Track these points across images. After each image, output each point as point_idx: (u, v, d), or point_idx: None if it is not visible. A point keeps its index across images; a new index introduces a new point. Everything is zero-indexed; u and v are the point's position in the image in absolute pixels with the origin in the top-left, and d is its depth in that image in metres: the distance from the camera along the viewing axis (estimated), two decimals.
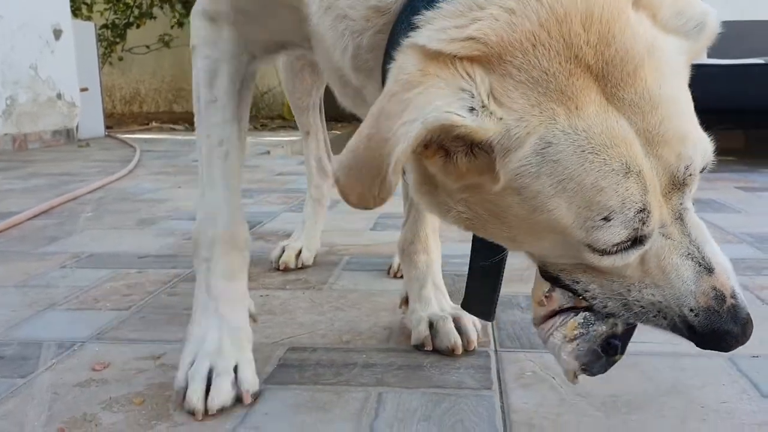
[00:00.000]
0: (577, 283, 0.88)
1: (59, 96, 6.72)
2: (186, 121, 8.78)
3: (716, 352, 1.29)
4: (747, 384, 1.22)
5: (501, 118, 0.76)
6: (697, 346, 0.86)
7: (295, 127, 4.40)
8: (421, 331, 1.38)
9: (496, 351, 1.38)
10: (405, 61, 0.78)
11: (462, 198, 0.85)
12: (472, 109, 0.75)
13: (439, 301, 1.44)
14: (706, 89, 3.88)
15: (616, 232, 0.77)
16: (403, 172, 0.92)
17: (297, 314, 1.61)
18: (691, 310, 0.82)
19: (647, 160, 0.77)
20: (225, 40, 1.22)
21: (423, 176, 0.87)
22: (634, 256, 0.81)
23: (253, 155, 5.25)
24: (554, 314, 0.92)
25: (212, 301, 1.24)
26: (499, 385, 1.22)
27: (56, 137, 6.68)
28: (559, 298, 0.91)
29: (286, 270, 1.98)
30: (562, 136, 0.76)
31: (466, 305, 1.22)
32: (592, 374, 0.93)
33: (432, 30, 0.79)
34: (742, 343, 0.84)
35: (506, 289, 1.75)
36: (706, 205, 2.97)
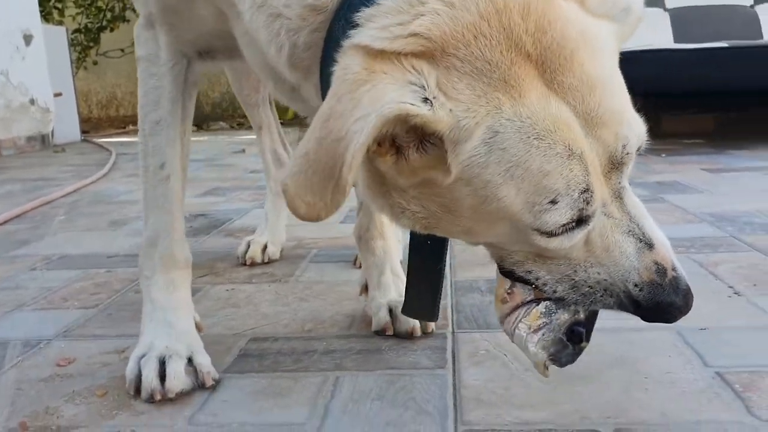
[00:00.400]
0: (530, 273, 0.91)
1: (32, 102, 6.68)
2: None
3: (665, 325, 1.36)
4: (692, 355, 1.26)
5: (450, 110, 0.78)
6: (643, 319, 0.90)
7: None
8: (381, 318, 1.42)
9: (453, 332, 1.42)
10: (349, 62, 0.79)
11: (415, 196, 0.87)
12: (425, 100, 0.77)
13: (398, 287, 1.47)
14: (672, 73, 3.95)
15: (562, 214, 0.80)
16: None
17: (261, 306, 1.64)
18: (636, 285, 0.86)
19: (587, 141, 0.81)
20: (163, 47, 1.24)
21: (374, 178, 0.89)
22: (579, 236, 0.84)
23: (228, 154, 5.26)
24: (517, 308, 0.94)
25: (158, 311, 1.29)
26: (453, 363, 1.26)
27: (31, 143, 6.64)
28: (521, 292, 0.94)
29: (253, 265, 2.01)
30: (508, 125, 0.78)
31: (407, 309, 1.25)
32: (561, 365, 0.95)
33: (374, 29, 0.81)
34: (685, 313, 0.88)
35: (467, 274, 1.81)
36: (670, 187, 3.03)
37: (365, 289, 1.53)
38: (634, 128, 0.84)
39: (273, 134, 2.17)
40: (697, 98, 5.28)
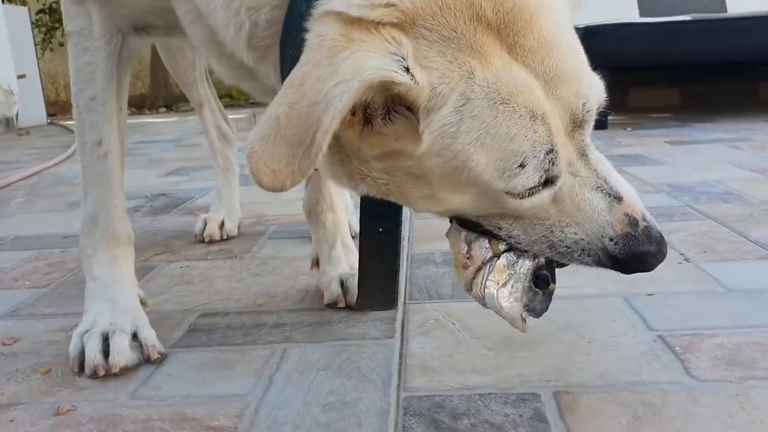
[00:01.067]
0: (500, 229, 0.91)
1: None
2: (132, 105, 8.64)
3: (613, 291, 1.37)
4: (637, 320, 1.28)
5: (427, 79, 0.78)
6: (622, 272, 0.90)
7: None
8: (333, 291, 1.42)
9: (404, 303, 1.42)
10: (324, 29, 0.79)
11: (380, 165, 0.87)
12: (406, 70, 0.77)
13: (349, 260, 1.47)
14: (638, 47, 3.97)
15: (530, 177, 0.81)
16: None
17: (215, 282, 1.63)
18: (611, 240, 0.87)
19: (549, 102, 0.82)
20: (96, 23, 1.21)
21: (332, 147, 0.87)
22: (547, 195, 0.85)
23: (196, 134, 5.21)
24: (480, 269, 0.95)
25: (100, 288, 1.27)
26: (402, 333, 1.27)
27: None
28: (479, 252, 0.94)
29: (211, 242, 1.99)
30: (479, 91, 0.79)
31: (363, 300, 1.24)
32: (537, 314, 0.96)
33: None
34: (661, 260, 0.89)
35: (424, 247, 1.81)
36: (633, 160, 3.06)
37: (316, 263, 1.52)
38: (593, 86, 0.86)
39: (214, 111, 2.14)
40: (664, 71, 5.33)
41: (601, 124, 4.38)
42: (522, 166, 0.80)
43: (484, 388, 1.05)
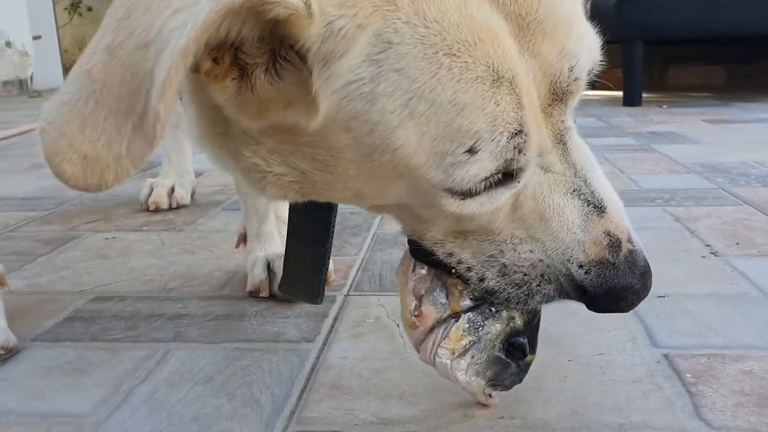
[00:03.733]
0: (451, 255, 0.65)
1: (8, 44, 6.39)
2: None
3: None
4: (639, 330, 0.97)
5: (319, 5, 0.50)
6: (589, 308, 0.65)
7: None
8: (256, 275, 1.13)
9: (347, 294, 1.13)
10: None
11: (273, 149, 0.59)
12: None
13: (283, 238, 1.18)
14: (678, 17, 3.52)
15: (483, 166, 0.53)
16: None
17: (134, 259, 1.35)
18: (581, 267, 0.61)
19: (522, 59, 0.54)
20: None
21: (212, 122, 0.61)
22: (504, 197, 0.58)
23: None
24: (432, 330, 0.70)
25: None
26: (328, 335, 0.98)
27: (8, 88, 6.38)
28: (433, 310, 0.69)
29: (158, 210, 1.72)
30: (407, 31, 0.51)
31: (286, 286, 0.97)
32: (506, 387, 0.72)
33: None
34: (643, 298, 0.65)
35: (395, 226, 1.51)
36: (664, 137, 2.70)
37: (244, 239, 1.23)
38: (586, 41, 0.58)
39: None
40: (708, 47, 4.90)
41: (634, 101, 4.00)
42: (472, 151, 0.53)
43: (407, 422, 0.75)
